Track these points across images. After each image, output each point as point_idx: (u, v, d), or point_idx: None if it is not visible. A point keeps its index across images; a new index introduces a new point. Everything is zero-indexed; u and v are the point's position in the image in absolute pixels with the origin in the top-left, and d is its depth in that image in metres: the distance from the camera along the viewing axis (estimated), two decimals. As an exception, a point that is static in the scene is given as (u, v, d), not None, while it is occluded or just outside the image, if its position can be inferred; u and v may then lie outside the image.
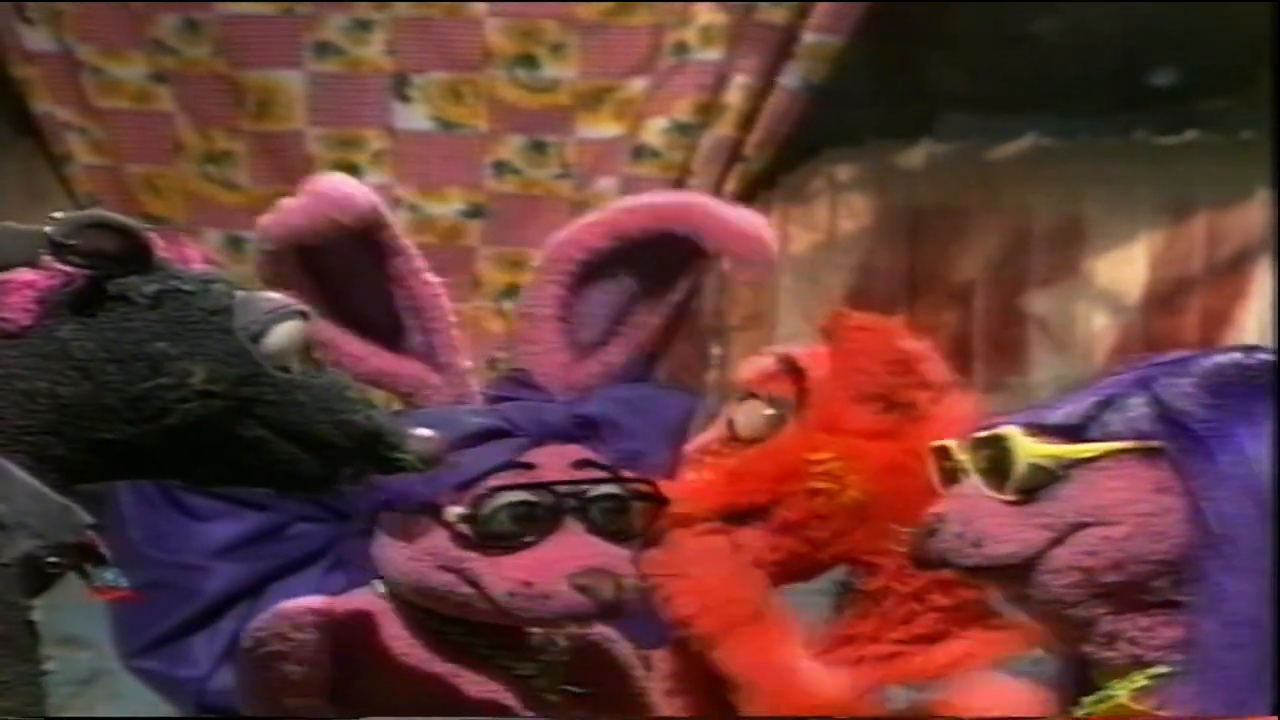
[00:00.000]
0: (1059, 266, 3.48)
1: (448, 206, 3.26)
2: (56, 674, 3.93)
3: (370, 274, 1.69)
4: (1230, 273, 3.44)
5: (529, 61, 3.24)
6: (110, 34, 3.25)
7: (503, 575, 1.65)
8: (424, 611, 1.73)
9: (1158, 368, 1.53)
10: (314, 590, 3.39)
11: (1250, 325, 3.40)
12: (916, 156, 3.51)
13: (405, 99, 3.24)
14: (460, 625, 1.72)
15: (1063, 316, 3.47)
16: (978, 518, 1.52)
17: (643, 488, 1.69)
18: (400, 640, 1.74)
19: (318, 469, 1.51)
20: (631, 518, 1.68)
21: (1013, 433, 1.52)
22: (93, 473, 1.49)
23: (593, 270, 1.73)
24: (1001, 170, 3.51)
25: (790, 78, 3.25)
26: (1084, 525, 1.50)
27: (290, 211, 1.68)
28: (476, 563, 1.67)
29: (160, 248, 1.51)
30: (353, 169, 3.25)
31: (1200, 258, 3.45)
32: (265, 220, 1.69)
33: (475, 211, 3.26)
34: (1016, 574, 1.52)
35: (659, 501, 1.70)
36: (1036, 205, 3.49)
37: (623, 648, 1.82)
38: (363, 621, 1.75)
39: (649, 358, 3.55)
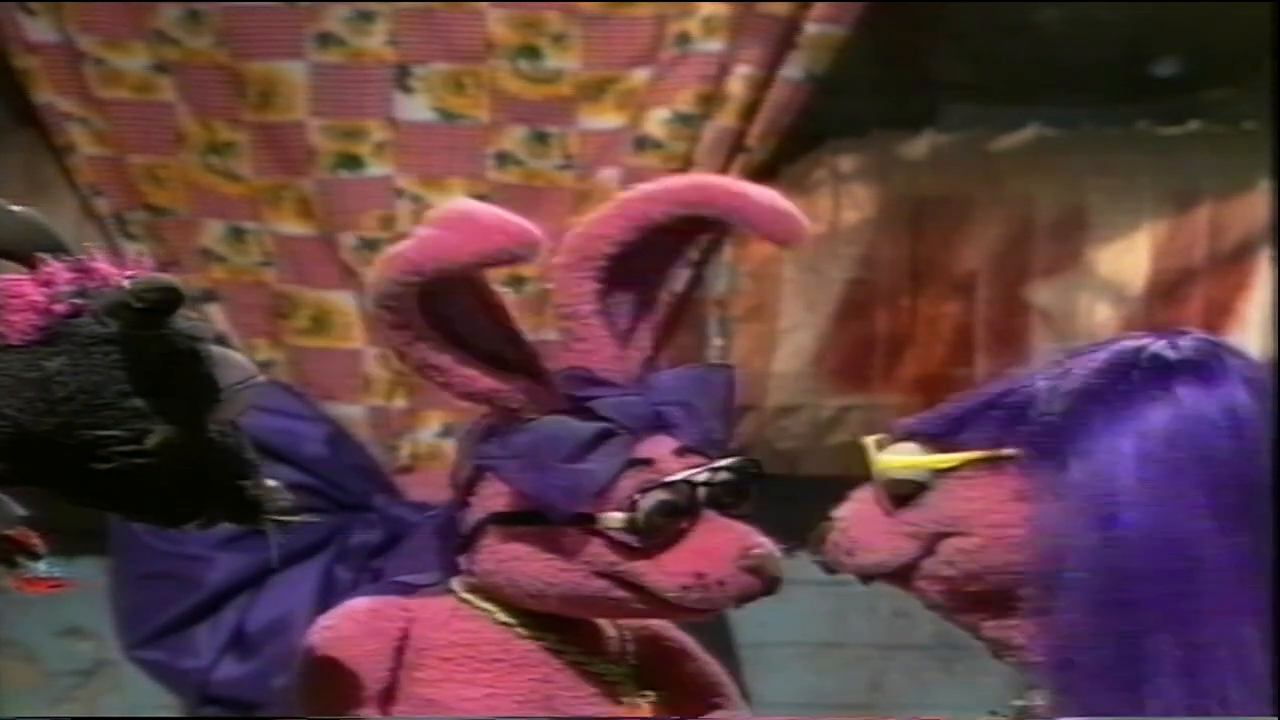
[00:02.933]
0: (1061, 257, 3.48)
1: (450, 197, 3.25)
2: (59, 665, 3.94)
3: (455, 294, 1.70)
4: (1233, 263, 3.44)
5: (531, 52, 3.23)
6: (112, 24, 3.25)
7: (668, 572, 1.67)
8: (520, 615, 1.74)
9: (1056, 364, 1.49)
10: (316, 582, 3.42)
11: (1253, 316, 3.40)
12: (919, 147, 3.51)
13: (407, 90, 3.24)
14: (555, 633, 1.74)
15: (1065, 307, 3.47)
16: (856, 524, 1.54)
17: (749, 466, 1.72)
18: (493, 645, 1.74)
19: (186, 516, 1.53)
20: (747, 496, 1.71)
21: (869, 444, 1.52)
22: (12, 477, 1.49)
23: (621, 261, 1.74)
24: (1004, 160, 3.51)
25: (793, 68, 3.24)
26: (945, 535, 1.49)
27: (445, 244, 1.66)
28: (636, 565, 1.68)
29: (74, 271, 1.49)
30: (355, 160, 3.26)
31: (1203, 248, 3.45)
32: (411, 252, 1.66)
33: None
34: (898, 580, 1.53)
35: (758, 475, 1.72)
36: (1039, 195, 3.49)
37: (679, 633, 1.83)
38: (444, 622, 1.76)
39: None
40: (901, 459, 1.51)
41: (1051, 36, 3.51)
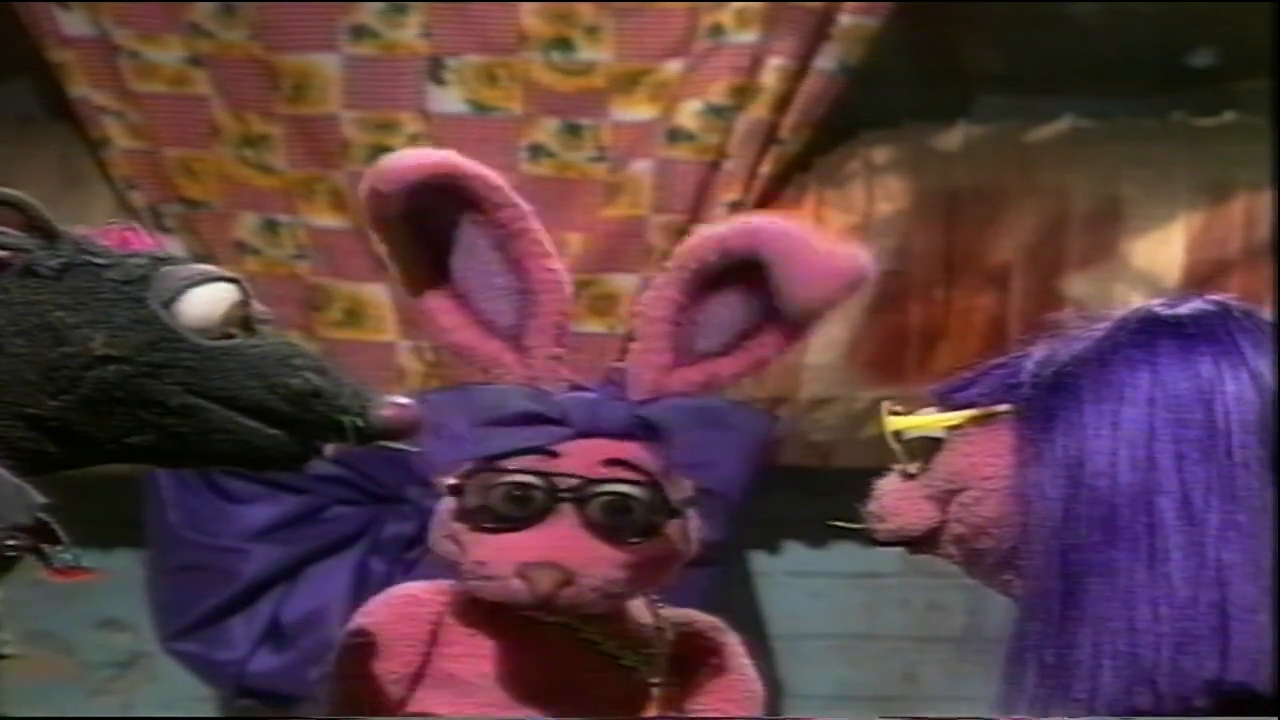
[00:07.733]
0: (1096, 248, 3.47)
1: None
2: (95, 656, 3.96)
3: (492, 253, 1.72)
4: (1268, 255, 3.42)
5: (564, 44, 3.24)
6: (147, 18, 3.26)
7: (474, 554, 1.70)
8: None
9: (1071, 327, 1.50)
10: (350, 574, 3.43)
11: (1288, 308, 3.38)
12: (953, 138, 3.50)
13: (440, 82, 3.24)
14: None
15: (1100, 298, 3.45)
16: (885, 493, 1.55)
17: (656, 491, 1.69)
18: (511, 621, 1.74)
19: (266, 438, 1.49)
20: (634, 518, 1.69)
21: (884, 407, 1.52)
22: (48, 459, 1.49)
23: (707, 281, 1.73)
24: (1039, 152, 3.50)
25: (826, 60, 3.24)
26: (954, 491, 1.50)
27: (405, 156, 1.75)
28: (467, 538, 1.70)
29: (99, 236, 1.51)
30: (388, 152, 3.25)
31: (1238, 240, 3.43)
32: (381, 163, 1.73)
33: (510, 195, 3.26)
34: (927, 547, 1.53)
35: (670, 510, 1.70)
36: (1074, 187, 3.48)
37: (731, 637, 1.83)
38: (471, 599, 1.77)
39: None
40: (905, 419, 1.52)
41: (1086, 28, 3.50)
